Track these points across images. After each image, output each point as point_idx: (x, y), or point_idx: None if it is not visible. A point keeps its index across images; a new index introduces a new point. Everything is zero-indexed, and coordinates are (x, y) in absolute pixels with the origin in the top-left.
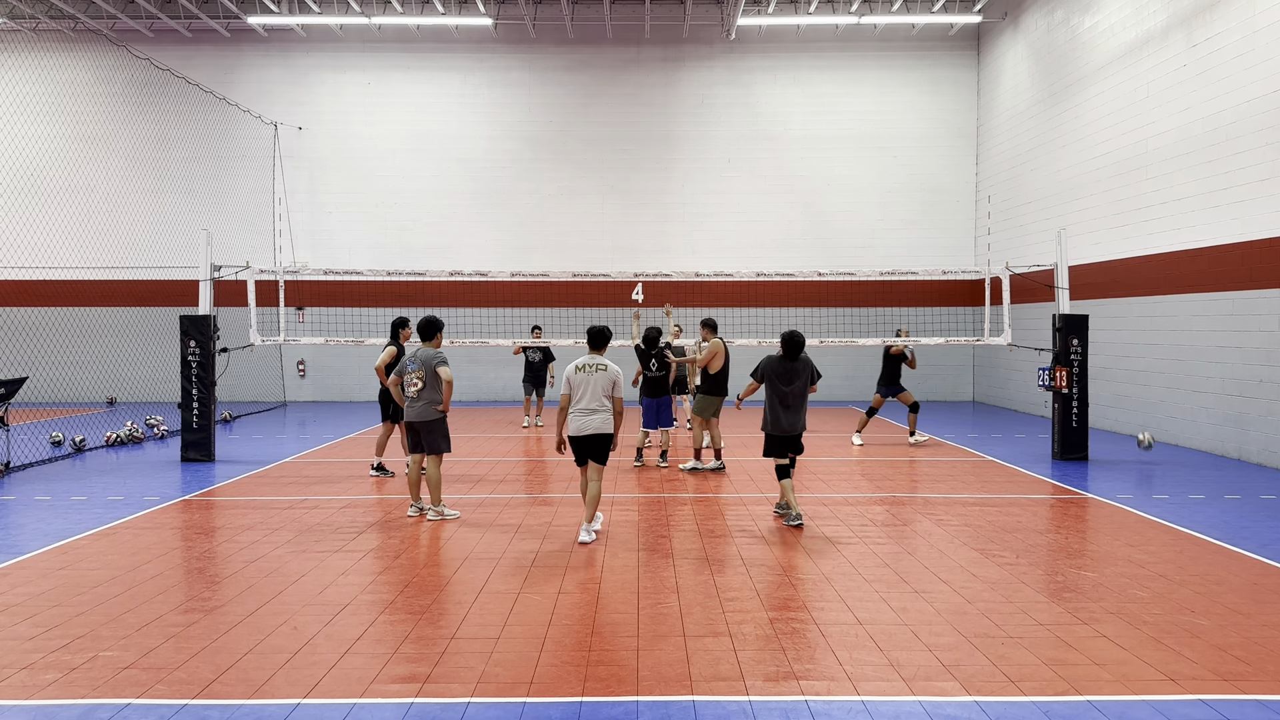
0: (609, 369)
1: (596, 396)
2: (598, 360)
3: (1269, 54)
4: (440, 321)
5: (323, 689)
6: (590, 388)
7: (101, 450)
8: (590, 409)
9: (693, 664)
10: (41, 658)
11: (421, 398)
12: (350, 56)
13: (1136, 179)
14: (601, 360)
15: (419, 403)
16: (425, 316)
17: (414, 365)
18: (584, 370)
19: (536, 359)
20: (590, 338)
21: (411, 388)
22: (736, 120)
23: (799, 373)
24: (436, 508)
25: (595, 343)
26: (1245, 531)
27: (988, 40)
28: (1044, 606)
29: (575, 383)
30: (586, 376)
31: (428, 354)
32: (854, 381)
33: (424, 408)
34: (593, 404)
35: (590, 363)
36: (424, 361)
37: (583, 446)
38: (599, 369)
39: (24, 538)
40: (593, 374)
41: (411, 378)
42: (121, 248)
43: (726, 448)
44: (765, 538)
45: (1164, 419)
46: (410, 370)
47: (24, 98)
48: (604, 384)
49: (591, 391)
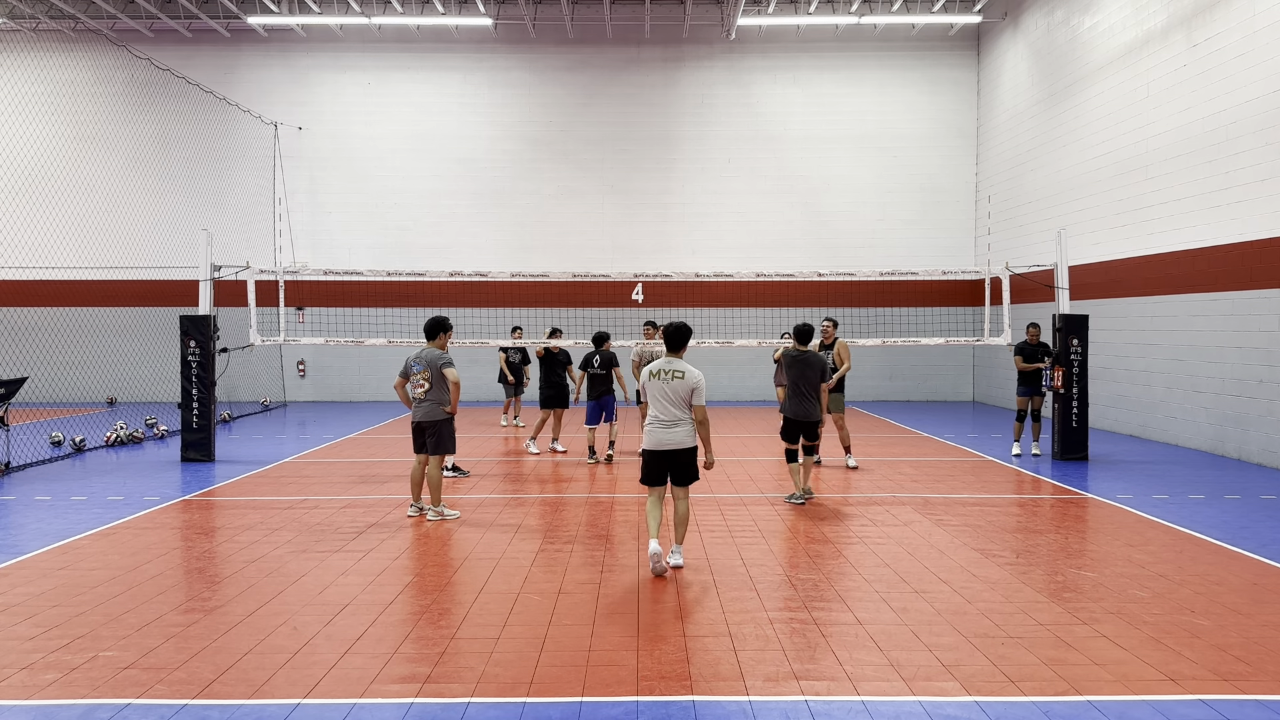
0: (687, 375)
1: (678, 405)
2: (676, 365)
3: (1269, 54)
4: (446, 321)
5: (323, 689)
6: (667, 396)
7: (101, 450)
8: (670, 420)
9: (693, 664)
10: (41, 658)
11: (428, 398)
12: (350, 56)
13: (1136, 179)
14: (680, 365)
15: (425, 403)
16: (432, 317)
17: (419, 366)
18: (660, 376)
19: (516, 359)
20: (668, 337)
21: (418, 389)
22: (736, 120)
23: (810, 364)
24: (436, 508)
25: (674, 343)
26: (1245, 531)
27: (988, 40)
28: (1044, 606)
29: (651, 391)
30: (663, 384)
31: (433, 354)
32: (854, 382)
33: (430, 408)
34: (672, 414)
35: (667, 368)
36: (429, 362)
37: (660, 463)
38: (676, 375)
39: (24, 538)
40: (669, 380)
41: (418, 379)
42: (121, 248)
43: (721, 446)
44: (765, 538)
45: (1164, 419)
46: (416, 371)
47: (24, 98)
48: (683, 392)
49: (669, 400)
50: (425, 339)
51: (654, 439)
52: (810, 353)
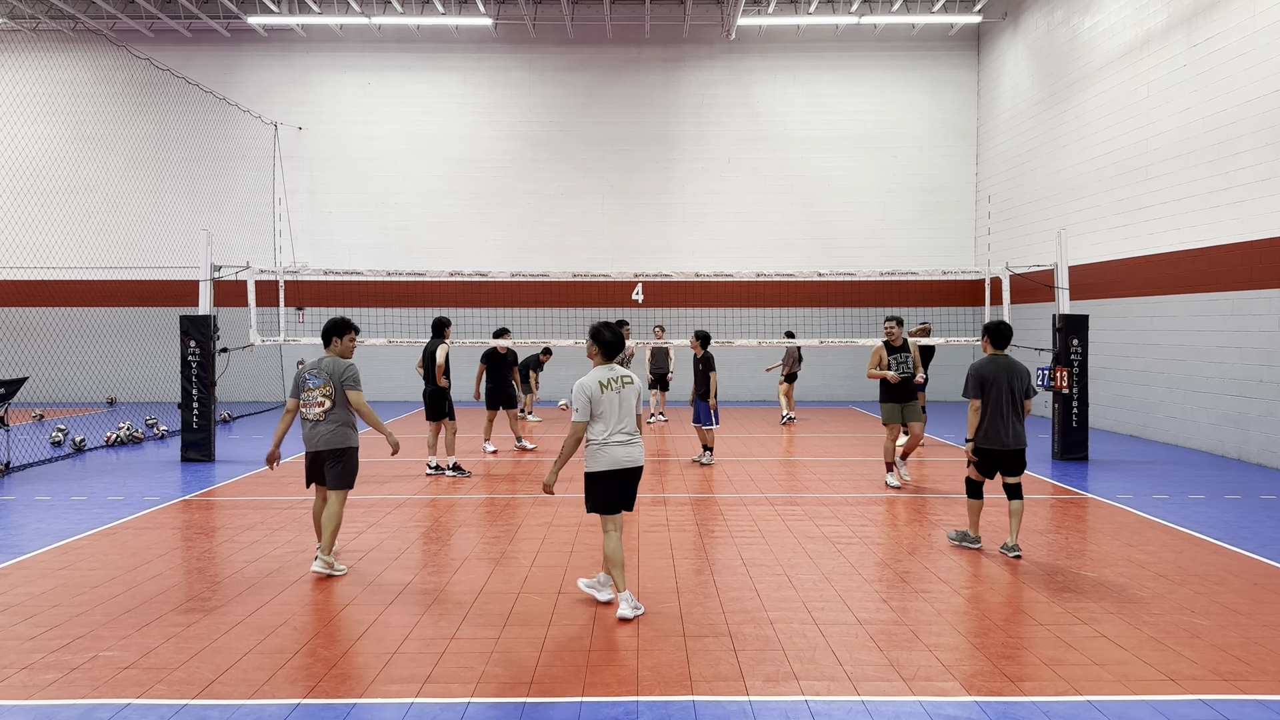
0: (635, 380)
1: (630, 418)
2: (620, 371)
3: (1269, 54)
4: (348, 322)
5: (323, 689)
6: (622, 407)
7: (101, 450)
8: (629, 435)
9: (693, 664)
10: (41, 658)
11: (330, 419)
12: (350, 56)
13: (1136, 179)
14: (625, 371)
15: (324, 425)
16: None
17: (315, 379)
18: (612, 386)
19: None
20: (607, 345)
21: (315, 407)
22: (736, 120)
23: (1016, 373)
24: (326, 556)
25: (612, 351)
26: (1245, 531)
27: (988, 40)
28: (1044, 606)
29: (602, 403)
30: (615, 394)
31: (335, 364)
32: (854, 382)
33: (334, 432)
34: (631, 427)
35: (614, 376)
36: (331, 374)
37: (622, 484)
38: (626, 381)
39: (24, 538)
40: (622, 389)
41: (315, 394)
42: (121, 248)
43: (721, 445)
44: (765, 538)
45: (1164, 419)
46: (312, 385)
47: (24, 98)
48: (633, 399)
49: (623, 411)
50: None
51: (613, 457)
52: (1011, 359)
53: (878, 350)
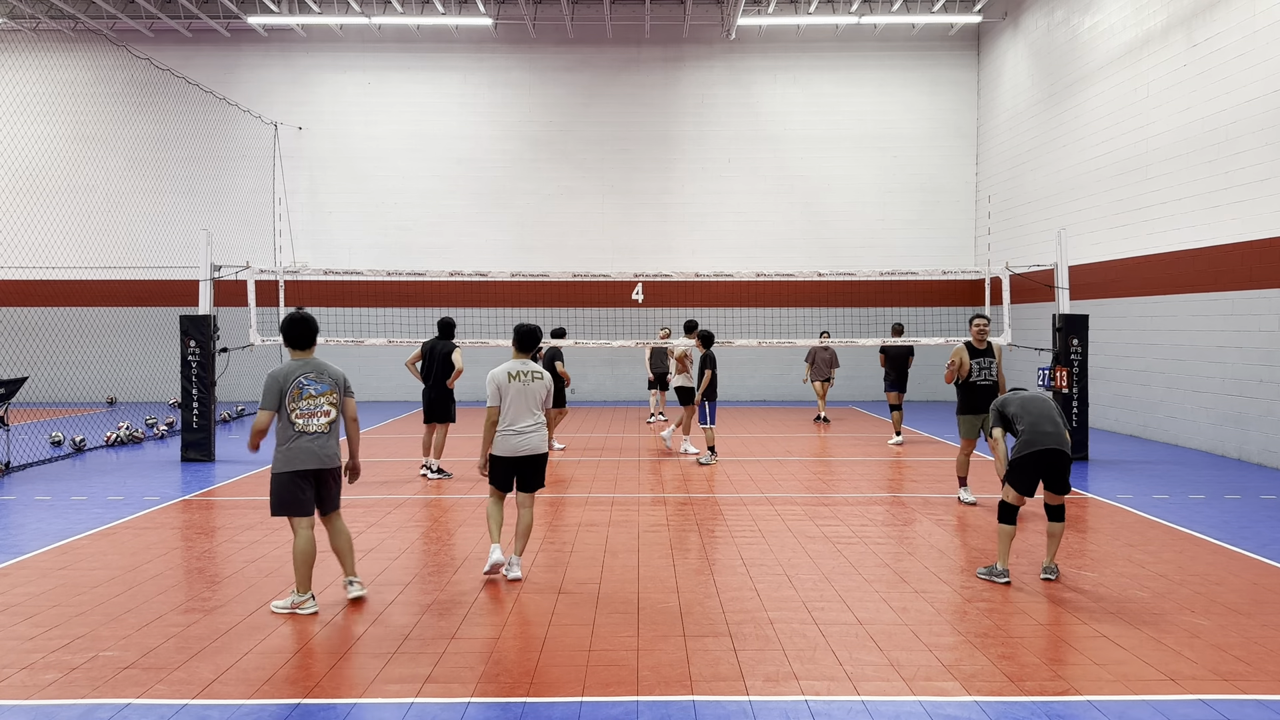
0: (545, 376)
1: (531, 409)
2: (531, 366)
3: (1269, 54)
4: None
5: (323, 689)
6: (525, 399)
7: (101, 450)
8: (526, 425)
9: (693, 664)
10: (41, 658)
11: (334, 431)
12: (350, 56)
13: (1136, 179)
14: (536, 366)
15: (331, 439)
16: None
17: (318, 384)
18: (520, 378)
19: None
20: (519, 338)
21: (324, 417)
22: (736, 120)
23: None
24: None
25: (526, 344)
26: (1245, 531)
27: (988, 40)
28: (1044, 606)
29: (508, 393)
30: (523, 386)
31: (334, 371)
32: (854, 382)
33: (337, 446)
34: (528, 418)
35: (523, 369)
36: (335, 380)
37: (514, 469)
38: (535, 376)
39: (24, 538)
40: (528, 382)
41: (322, 403)
42: (121, 248)
43: (721, 446)
44: (765, 537)
45: (1164, 419)
46: (316, 391)
47: (24, 98)
48: (540, 393)
49: (526, 403)
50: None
51: (509, 445)
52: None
53: (958, 351)
